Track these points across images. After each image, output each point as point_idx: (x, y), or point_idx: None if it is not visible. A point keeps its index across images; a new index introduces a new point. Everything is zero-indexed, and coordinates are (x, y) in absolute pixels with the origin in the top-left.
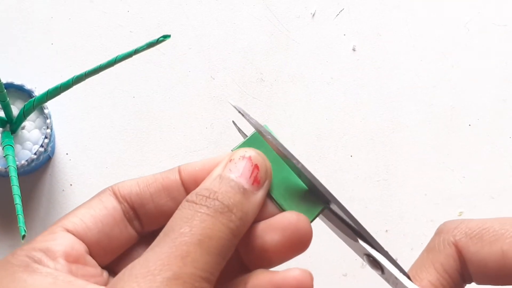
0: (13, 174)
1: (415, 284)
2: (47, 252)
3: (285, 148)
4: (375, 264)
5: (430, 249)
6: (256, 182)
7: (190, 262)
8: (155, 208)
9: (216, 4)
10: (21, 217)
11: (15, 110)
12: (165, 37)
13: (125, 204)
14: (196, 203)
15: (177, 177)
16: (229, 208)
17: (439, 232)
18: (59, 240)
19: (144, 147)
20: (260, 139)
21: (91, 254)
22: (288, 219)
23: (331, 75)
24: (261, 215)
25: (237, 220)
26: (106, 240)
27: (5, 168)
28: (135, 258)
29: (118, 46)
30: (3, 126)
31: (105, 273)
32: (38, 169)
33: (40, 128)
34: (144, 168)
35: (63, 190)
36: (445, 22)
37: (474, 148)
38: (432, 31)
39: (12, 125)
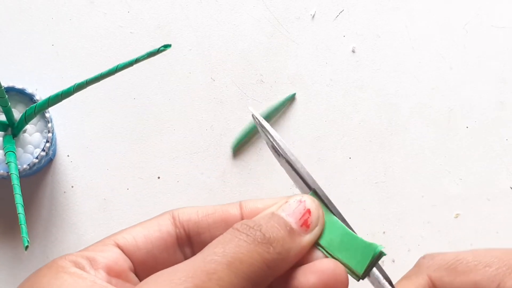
0: (16, 182)
1: None
2: (91, 261)
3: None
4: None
5: (407, 277)
6: (305, 225)
7: (215, 279)
8: (210, 238)
9: (216, 5)
10: (24, 227)
11: (17, 114)
12: (166, 46)
13: (181, 230)
14: (238, 230)
15: (238, 212)
16: (269, 241)
17: (417, 264)
18: (106, 253)
19: (145, 148)
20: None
21: (135, 271)
22: (326, 264)
23: (331, 77)
24: (306, 261)
25: (275, 253)
26: (152, 261)
27: (7, 172)
28: None
29: (118, 47)
30: (5, 130)
31: None
32: (39, 171)
33: (41, 132)
34: (145, 169)
35: (64, 192)
36: (443, 24)
37: (472, 150)
38: (431, 33)
39: (14, 129)
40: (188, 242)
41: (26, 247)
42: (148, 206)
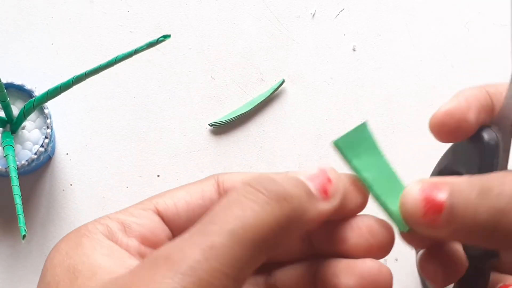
0: (14, 174)
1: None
2: (126, 227)
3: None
4: None
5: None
6: (324, 192)
7: (213, 255)
8: None
9: (216, 4)
10: (21, 217)
11: (15, 110)
12: (165, 37)
13: None
14: (250, 186)
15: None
16: (283, 196)
17: None
18: (143, 219)
19: (144, 147)
20: (366, 132)
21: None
22: (370, 267)
23: (331, 75)
24: (344, 207)
25: (290, 209)
26: None
27: (5, 168)
28: None
29: (118, 46)
30: (3, 126)
31: None
32: (38, 169)
33: (40, 128)
34: (144, 167)
35: (63, 190)
36: (445, 22)
37: None
38: (432, 31)
39: (12, 125)
40: None
41: (24, 237)
42: None
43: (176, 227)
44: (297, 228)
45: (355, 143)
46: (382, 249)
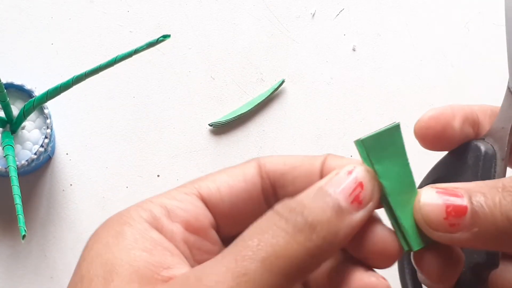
0: (13, 174)
1: None
2: (170, 211)
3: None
4: None
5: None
6: (357, 201)
7: (245, 282)
8: (294, 192)
9: (216, 4)
10: (21, 217)
11: (15, 110)
12: (165, 37)
13: (267, 181)
14: (278, 214)
15: (319, 166)
16: (311, 226)
17: None
18: (187, 205)
19: (144, 147)
20: (397, 135)
21: (216, 226)
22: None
23: (331, 75)
24: (364, 235)
25: (319, 239)
26: (236, 215)
27: (5, 168)
28: None
29: (118, 46)
30: (3, 126)
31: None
32: (38, 169)
33: (40, 128)
34: (144, 167)
35: (63, 190)
36: (445, 22)
37: None
38: (432, 31)
39: (12, 125)
40: (273, 194)
41: (23, 236)
42: None
43: (220, 212)
44: (331, 251)
45: (383, 146)
46: (391, 259)
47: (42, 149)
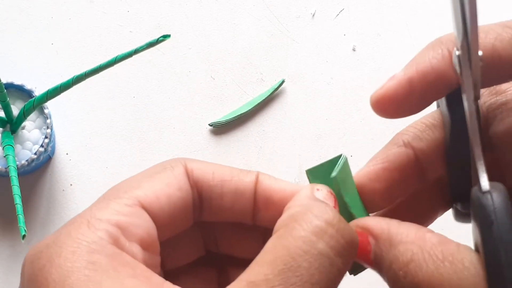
0: (13, 174)
1: None
2: (124, 231)
3: None
4: None
5: None
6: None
7: None
8: (220, 208)
9: (216, 4)
10: (21, 217)
11: (15, 110)
12: (165, 36)
13: (195, 189)
14: (316, 235)
15: (252, 185)
16: (347, 246)
17: None
18: (136, 219)
19: (144, 147)
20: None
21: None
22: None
23: (331, 75)
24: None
25: (351, 259)
26: (172, 226)
27: (5, 168)
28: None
29: (118, 46)
30: (3, 126)
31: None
32: (38, 169)
33: (40, 128)
34: (144, 167)
35: (63, 190)
36: (444, 22)
37: None
38: (431, 31)
39: (12, 125)
40: (199, 205)
41: (23, 236)
42: None
43: (160, 223)
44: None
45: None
46: None
47: (42, 149)
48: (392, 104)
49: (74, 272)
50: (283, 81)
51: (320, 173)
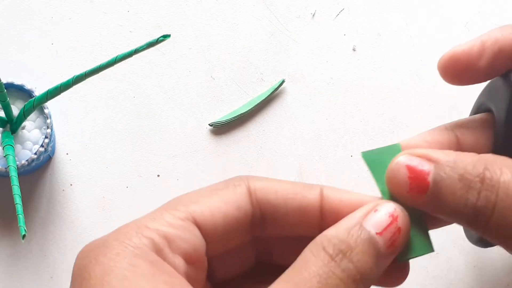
0: (13, 174)
1: None
2: (170, 242)
3: None
4: None
5: None
6: (393, 246)
7: None
8: (283, 224)
9: (216, 4)
10: (21, 217)
11: (15, 110)
12: (165, 36)
13: (258, 210)
14: (332, 259)
15: (317, 201)
16: (361, 276)
17: None
18: (185, 233)
19: (144, 147)
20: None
21: (206, 254)
22: None
23: (331, 75)
24: None
25: (363, 286)
26: (225, 244)
27: (5, 168)
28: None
29: (118, 46)
30: (3, 126)
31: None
32: (38, 169)
33: (40, 128)
34: (144, 167)
35: (63, 190)
36: (445, 22)
37: None
38: (432, 31)
39: (12, 125)
40: (260, 224)
41: (23, 236)
42: (148, 204)
43: (211, 239)
44: None
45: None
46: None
47: (42, 149)
48: (462, 65)
49: (114, 271)
50: (283, 81)
51: (377, 158)
